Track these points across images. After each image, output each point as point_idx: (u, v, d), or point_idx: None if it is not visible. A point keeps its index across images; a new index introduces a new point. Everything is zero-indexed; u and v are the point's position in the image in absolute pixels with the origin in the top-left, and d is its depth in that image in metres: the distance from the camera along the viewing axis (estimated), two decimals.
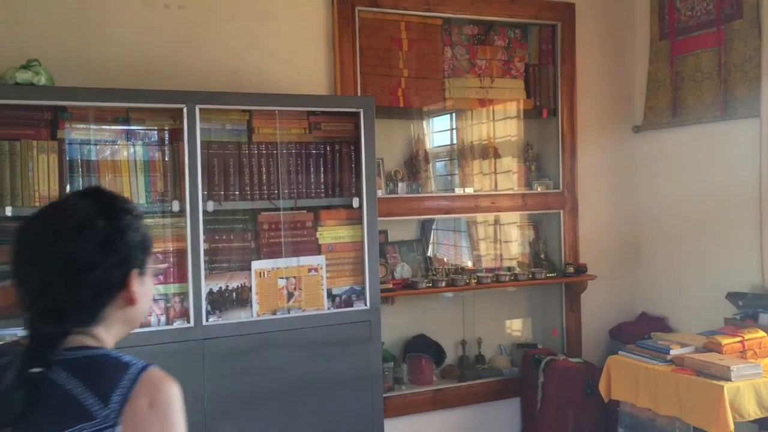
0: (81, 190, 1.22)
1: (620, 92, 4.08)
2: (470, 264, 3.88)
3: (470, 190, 3.75)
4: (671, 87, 3.82)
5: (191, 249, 2.68)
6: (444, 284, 3.51)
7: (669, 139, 3.88)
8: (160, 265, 2.61)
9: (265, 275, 2.88)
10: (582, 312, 3.95)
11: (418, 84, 3.62)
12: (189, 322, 2.68)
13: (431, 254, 3.79)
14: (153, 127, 2.78)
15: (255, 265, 2.86)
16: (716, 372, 2.74)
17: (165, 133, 2.79)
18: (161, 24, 3.07)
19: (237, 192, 2.88)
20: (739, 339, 2.92)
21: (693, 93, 3.69)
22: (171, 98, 2.72)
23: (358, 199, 3.00)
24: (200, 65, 3.10)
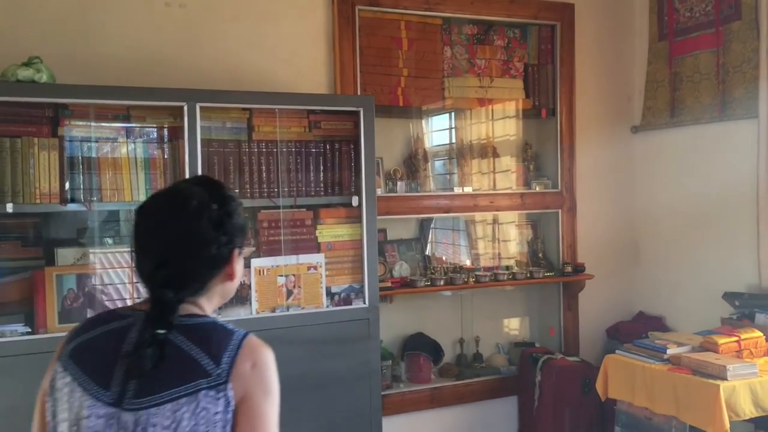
0: (192, 178, 1.40)
1: (619, 92, 4.09)
2: (468, 263, 3.89)
3: (469, 190, 3.75)
4: (670, 87, 3.84)
5: None
6: (442, 283, 3.53)
7: (667, 140, 3.89)
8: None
9: (265, 273, 2.89)
10: (579, 311, 3.97)
11: (418, 83, 3.63)
12: None
13: (430, 253, 3.80)
14: (153, 125, 2.79)
15: (254, 263, 2.87)
16: (712, 371, 2.75)
17: (165, 131, 2.80)
18: (162, 22, 3.08)
19: (237, 190, 2.88)
20: (736, 339, 2.93)
21: (691, 94, 3.71)
22: (172, 96, 2.72)
23: (358, 198, 3.01)
24: (201, 63, 3.11)
